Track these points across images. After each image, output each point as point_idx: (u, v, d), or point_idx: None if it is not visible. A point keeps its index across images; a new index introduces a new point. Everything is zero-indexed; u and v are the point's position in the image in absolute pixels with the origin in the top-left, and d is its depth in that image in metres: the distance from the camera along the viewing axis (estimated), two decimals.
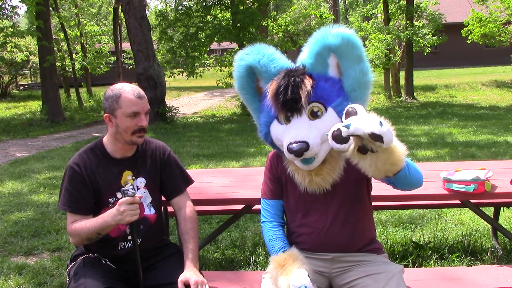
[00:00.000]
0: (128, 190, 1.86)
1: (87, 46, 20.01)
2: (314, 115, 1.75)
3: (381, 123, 1.43)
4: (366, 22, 18.46)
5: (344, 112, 1.54)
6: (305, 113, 1.74)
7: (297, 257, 1.76)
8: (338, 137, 1.51)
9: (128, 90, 1.96)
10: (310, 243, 1.90)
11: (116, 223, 1.86)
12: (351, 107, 1.53)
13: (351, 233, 1.88)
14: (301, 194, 1.88)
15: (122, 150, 2.05)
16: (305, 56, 1.81)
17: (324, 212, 1.87)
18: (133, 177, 2.06)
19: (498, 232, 3.26)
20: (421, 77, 21.08)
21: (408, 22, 15.26)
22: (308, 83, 1.72)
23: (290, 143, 1.70)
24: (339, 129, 1.50)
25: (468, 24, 16.95)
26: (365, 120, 1.44)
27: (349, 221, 1.88)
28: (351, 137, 1.49)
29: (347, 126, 1.47)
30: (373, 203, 2.06)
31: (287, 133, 1.75)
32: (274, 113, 1.81)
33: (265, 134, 1.89)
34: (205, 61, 15.21)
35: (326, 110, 1.74)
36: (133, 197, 1.84)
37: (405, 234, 3.56)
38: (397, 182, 1.69)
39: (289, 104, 1.72)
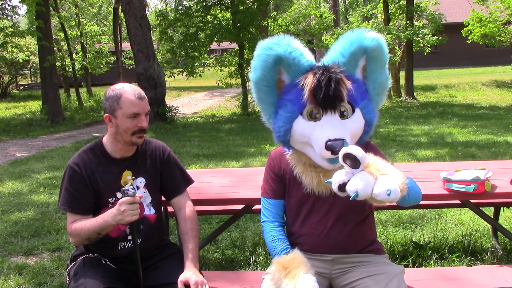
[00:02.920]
0: (128, 190, 1.86)
1: (87, 46, 20.04)
2: (341, 115, 1.73)
3: (389, 192, 1.49)
4: (366, 22, 18.45)
5: (342, 155, 1.56)
6: (338, 112, 1.73)
7: (302, 261, 1.74)
8: (343, 189, 1.57)
9: (129, 90, 1.96)
10: (311, 245, 1.89)
11: (116, 223, 1.86)
12: (350, 153, 1.54)
13: (352, 234, 1.88)
14: (304, 195, 1.87)
15: (121, 150, 2.05)
16: (337, 55, 1.78)
17: (326, 213, 1.87)
18: (133, 177, 2.06)
19: (498, 232, 3.25)
20: (421, 77, 21.07)
21: (408, 22, 15.26)
22: (347, 81, 1.71)
23: (330, 140, 1.67)
24: (342, 185, 1.56)
25: (468, 24, 16.94)
26: (372, 184, 1.52)
27: (351, 223, 1.87)
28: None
29: (355, 196, 1.53)
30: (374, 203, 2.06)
31: (320, 130, 1.71)
32: (300, 108, 1.74)
33: (286, 130, 1.78)
34: (205, 61, 15.18)
35: (353, 111, 1.75)
36: (133, 197, 1.83)
37: (405, 234, 3.56)
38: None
39: (329, 100, 1.68)
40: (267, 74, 1.77)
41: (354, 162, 1.55)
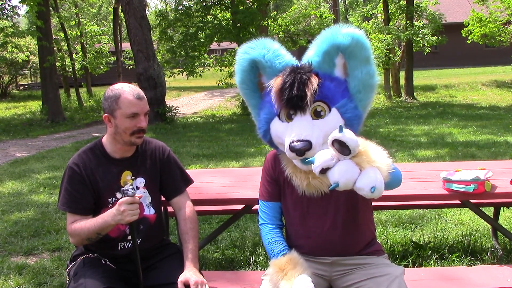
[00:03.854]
0: (128, 190, 1.86)
1: (87, 46, 20.03)
2: (317, 115, 1.71)
3: (373, 189, 1.47)
4: (366, 22, 18.45)
5: (331, 141, 1.53)
6: (309, 112, 1.71)
7: (298, 262, 1.74)
8: (324, 172, 1.54)
9: (127, 90, 1.95)
10: (309, 247, 1.88)
11: (116, 223, 1.86)
12: (342, 142, 1.50)
13: (350, 236, 1.86)
14: (299, 197, 1.85)
15: (121, 150, 2.05)
16: (312, 54, 1.77)
17: (322, 215, 1.85)
18: (133, 177, 2.06)
19: (498, 232, 3.25)
20: (421, 77, 21.08)
21: (408, 22, 15.26)
22: (314, 81, 1.69)
23: (293, 141, 1.67)
24: (325, 169, 1.53)
25: (468, 24, 16.93)
26: (355, 177, 1.49)
27: (348, 224, 1.85)
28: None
29: (335, 185, 1.50)
30: (373, 203, 2.06)
31: (289, 131, 1.71)
32: (276, 110, 1.76)
33: (265, 131, 1.83)
34: (205, 61, 15.19)
35: (330, 110, 1.71)
36: (133, 197, 1.83)
37: (405, 234, 3.56)
38: None
39: (294, 101, 1.67)
40: (245, 78, 1.84)
41: (342, 148, 1.50)
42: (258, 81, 1.86)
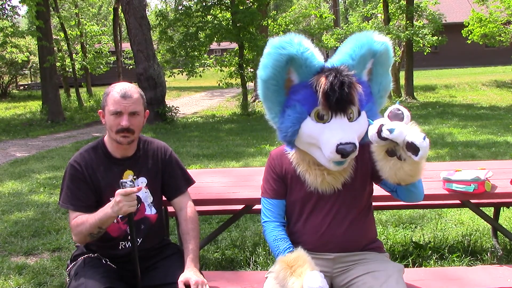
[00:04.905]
0: (126, 182, 1.85)
1: (87, 46, 20.03)
2: (348, 117, 1.73)
3: (424, 137, 1.55)
4: (366, 22, 18.46)
5: (388, 112, 1.63)
6: (346, 115, 1.72)
7: (306, 259, 1.75)
8: (379, 135, 1.62)
9: (116, 89, 1.98)
10: (313, 243, 1.89)
11: (115, 214, 1.84)
12: (398, 109, 1.62)
13: (354, 233, 1.88)
14: (307, 194, 1.88)
15: (119, 149, 2.05)
16: (345, 57, 1.77)
17: (328, 212, 1.87)
18: (134, 177, 2.06)
19: (498, 232, 3.26)
20: (421, 77, 21.07)
21: (408, 22, 15.26)
22: (358, 85, 1.72)
23: (341, 143, 1.66)
24: (381, 126, 1.61)
25: (468, 24, 16.95)
26: (409, 129, 1.58)
27: (352, 221, 1.88)
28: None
29: (391, 130, 1.56)
30: (373, 203, 2.07)
31: (330, 132, 1.70)
32: (308, 109, 1.73)
33: (295, 131, 1.76)
34: (205, 61, 15.18)
35: (359, 113, 1.75)
36: (131, 188, 1.83)
37: (405, 234, 3.56)
38: (401, 193, 1.80)
39: (342, 104, 1.68)
40: (277, 73, 1.73)
41: (397, 117, 1.61)
42: (287, 78, 1.77)
